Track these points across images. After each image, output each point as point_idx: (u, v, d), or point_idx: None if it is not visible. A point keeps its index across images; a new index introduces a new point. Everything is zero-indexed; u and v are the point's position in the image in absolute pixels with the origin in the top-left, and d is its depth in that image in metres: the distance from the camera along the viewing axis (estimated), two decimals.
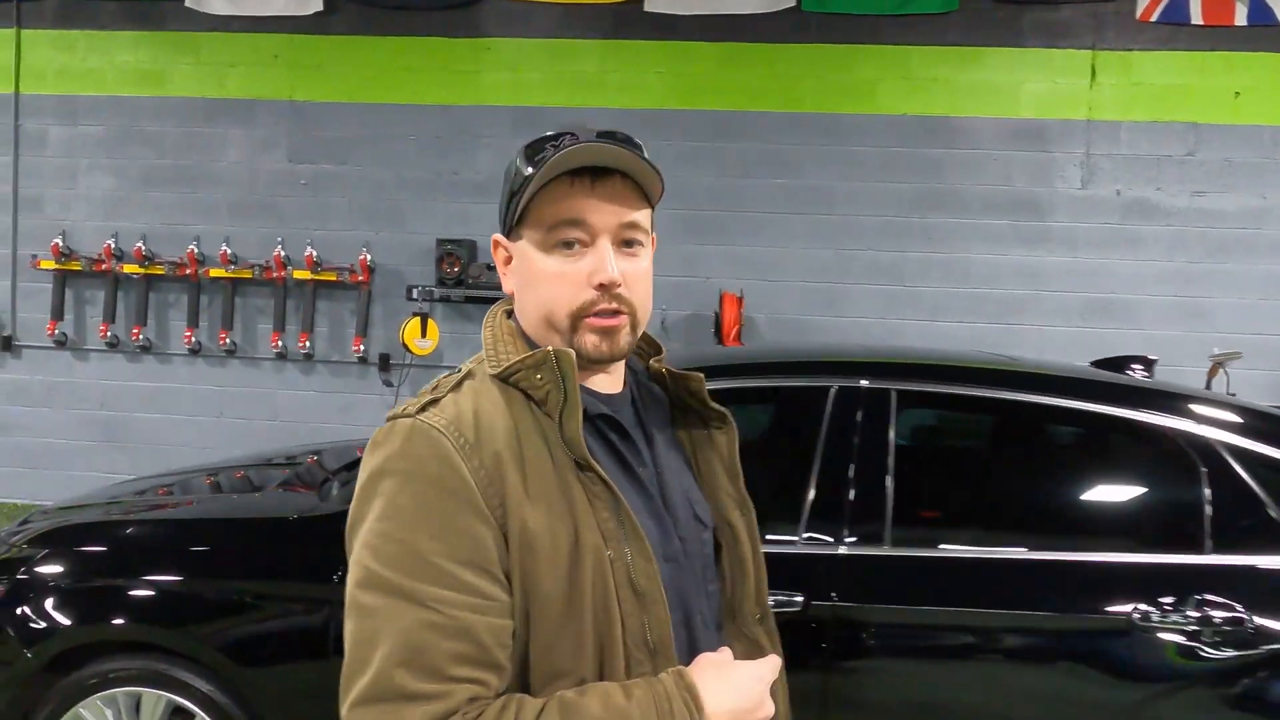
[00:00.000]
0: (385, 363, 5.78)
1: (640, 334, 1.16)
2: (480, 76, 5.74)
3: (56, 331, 5.88)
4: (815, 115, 5.56)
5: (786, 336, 5.52)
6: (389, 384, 5.75)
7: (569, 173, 1.08)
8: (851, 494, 2.34)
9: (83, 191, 5.94)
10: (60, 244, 5.82)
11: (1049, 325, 5.45)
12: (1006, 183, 5.47)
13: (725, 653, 1.09)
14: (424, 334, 5.55)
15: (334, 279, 5.69)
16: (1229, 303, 5.34)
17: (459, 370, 1.18)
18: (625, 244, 1.11)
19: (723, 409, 1.22)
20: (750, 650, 1.17)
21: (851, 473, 2.35)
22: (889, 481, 2.33)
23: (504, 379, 1.10)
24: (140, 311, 5.84)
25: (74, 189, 5.94)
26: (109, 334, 5.84)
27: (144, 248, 5.78)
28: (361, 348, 5.71)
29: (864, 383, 2.45)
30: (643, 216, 1.13)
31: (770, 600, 1.24)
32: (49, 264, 5.84)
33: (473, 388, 1.12)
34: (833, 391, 2.43)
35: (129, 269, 5.79)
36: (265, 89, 5.85)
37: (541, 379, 1.07)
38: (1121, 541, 2.37)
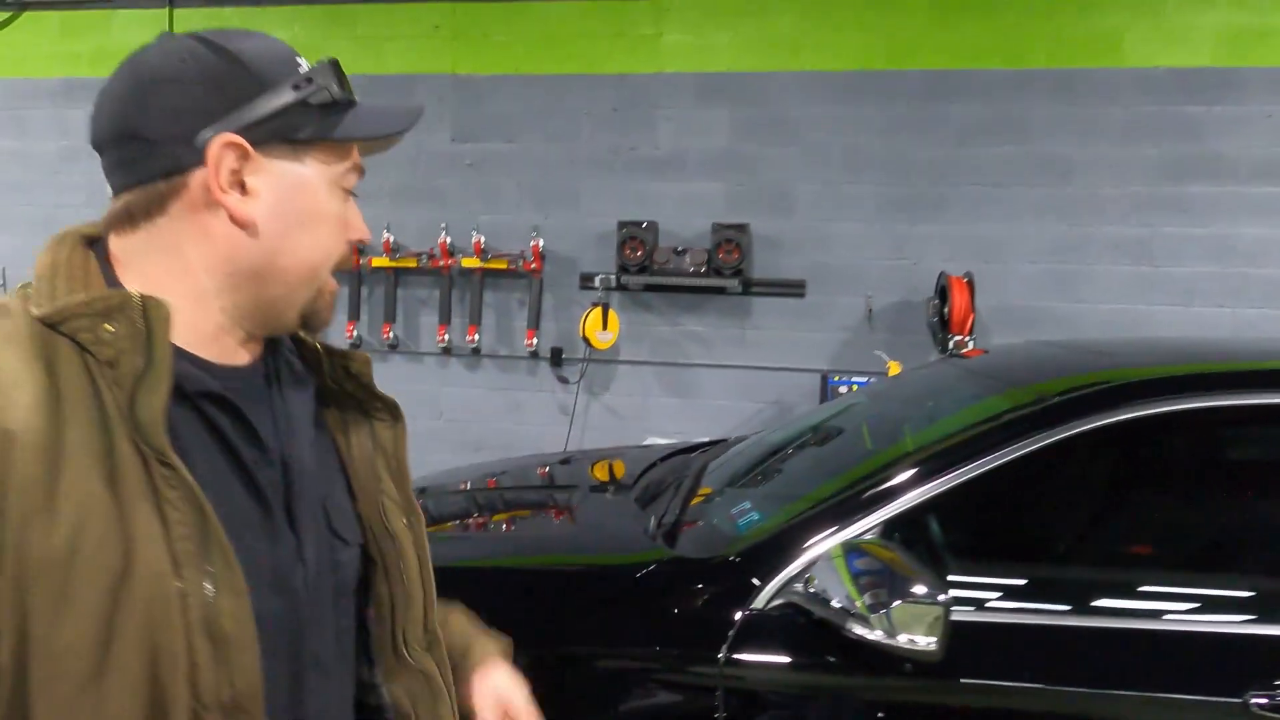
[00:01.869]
0: (558, 357, 5.23)
1: None
2: (660, 40, 5.10)
3: None
4: (1047, 72, 4.75)
5: (1015, 327, 4.76)
6: (565, 380, 5.20)
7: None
8: None
9: None
10: None
11: None
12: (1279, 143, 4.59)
13: None
14: (605, 325, 4.98)
15: (504, 267, 5.15)
16: None
17: None
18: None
19: (391, 398, 1.03)
20: (420, 686, 0.99)
21: None
22: None
23: (52, 324, 0.76)
24: None
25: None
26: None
27: None
28: (534, 341, 5.17)
29: None
30: None
31: None
32: None
33: None
34: None
35: None
36: (426, 63, 5.32)
37: (113, 332, 0.76)
38: None
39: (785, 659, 1.82)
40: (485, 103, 5.26)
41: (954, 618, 1.62)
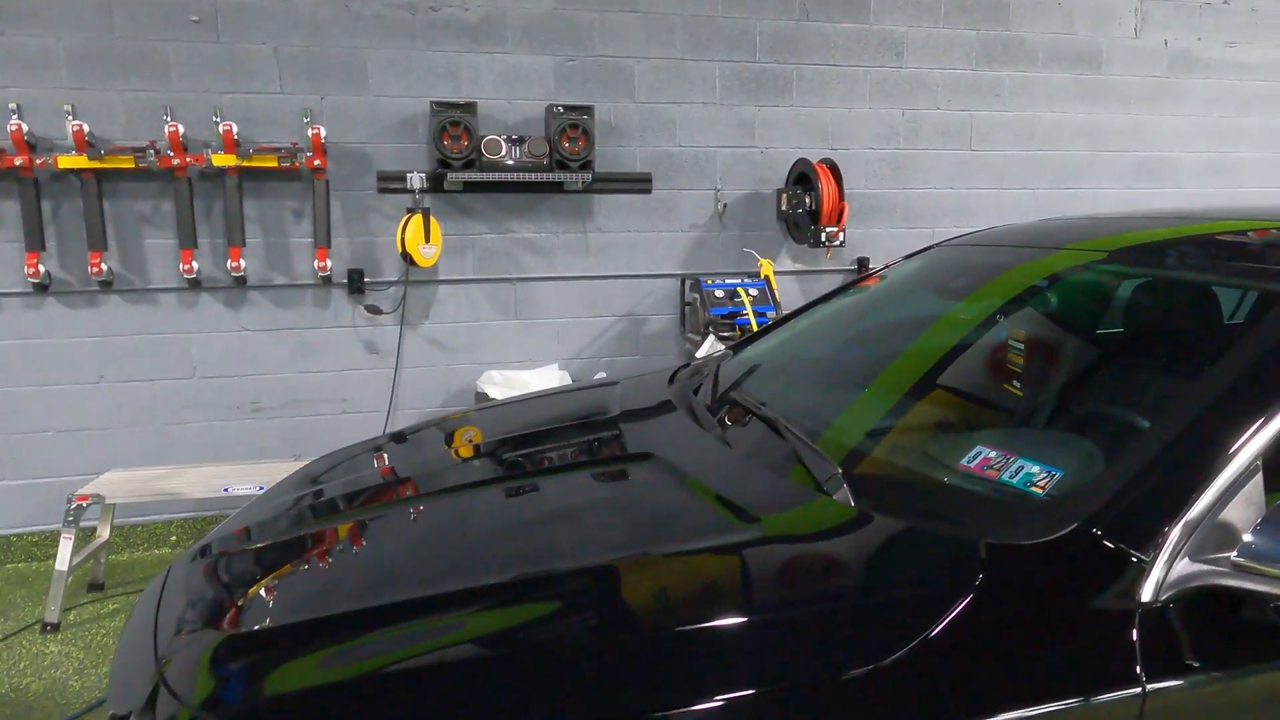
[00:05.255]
0: (358, 282, 3.95)
1: None
2: None
3: None
4: None
5: (858, 217, 4.48)
6: (375, 310, 3.95)
7: None
8: None
9: None
10: None
11: (1103, 188, 4.89)
12: (1069, 29, 4.71)
13: None
14: (428, 238, 3.80)
15: (273, 165, 3.69)
16: (1254, 158, 5.10)
17: None
18: None
19: None
20: None
21: None
22: None
23: None
24: None
25: None
26: None
27: None
28: (327, 263, 3.83)
29: None
30: None
31: None
32: None
33: None
34: None
35: None
36: None
37: None
38: None
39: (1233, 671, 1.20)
40: None
41: None
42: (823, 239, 4.07)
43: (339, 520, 1.71)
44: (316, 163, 3.70)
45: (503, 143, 3.83)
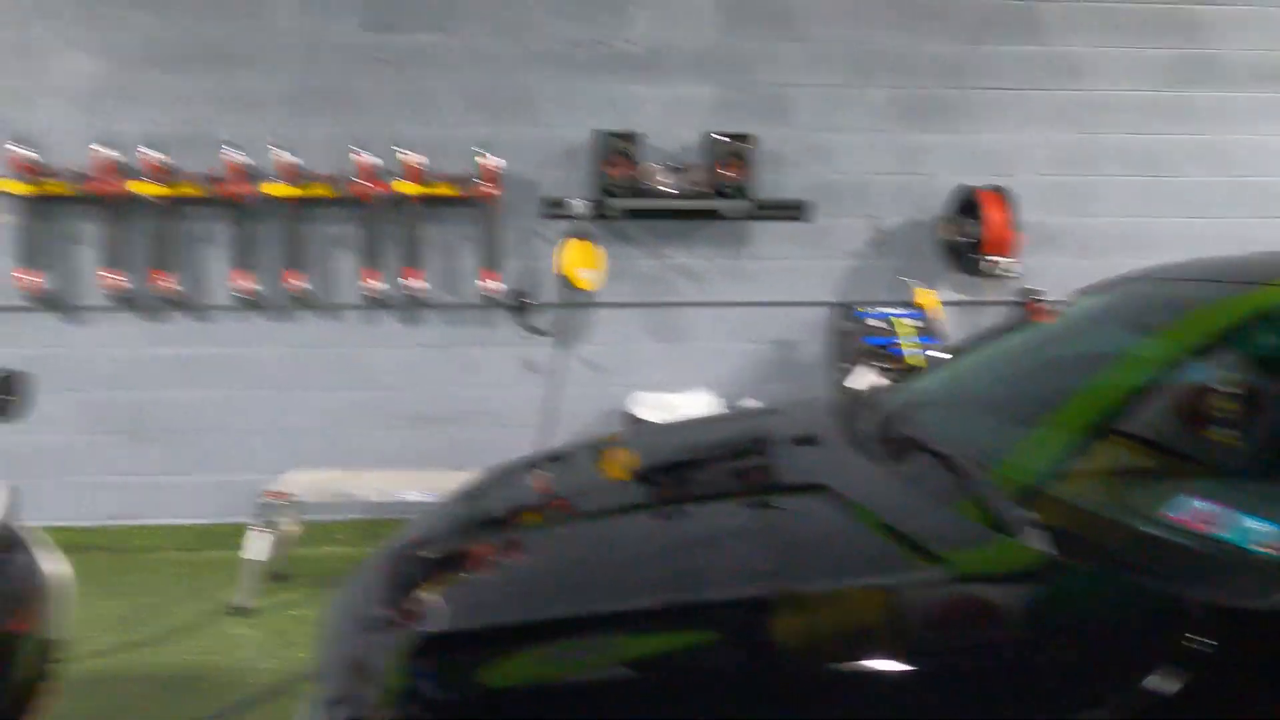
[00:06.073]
0: (521, 303, 4.12)
1: None
2: None
3: (36, 283, 3.87)
4: None
5: (1028, 246, 4.24)
6: (535, 330, 4.11)
7: None
8: None
9: (53, 78, 3.84)
10: (26, 155, 3.77)
11: None
12: (1275, 45, 4.30)
13: None
14: (587, 262, 3.92)
15: (453, 193, 3.93)
16: None
17: None
18: None
19: None
20: None
21: None
22: None
23: None
24: (163, 251, 3.90)
25: (35, 74, 3.84)
26: (119, 284, 3.89)
27: (158, 157, 3.81)
28: (494, 285, 4.02)
29: None
30: None
31: None
32: (12, 186, 3.77)
33: None
34: None
35: (141, 189, 3.82)
36: None
37: None
38: None
39: None
40: None
41: None
42: (988, 269, 3.88)
43: (517, 532, 1.78)
44: (489, 190, 3.90)
45: (662, 170, 3.90)
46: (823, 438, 2.02)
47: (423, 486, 3.60)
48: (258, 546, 3.47)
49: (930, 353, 3.53)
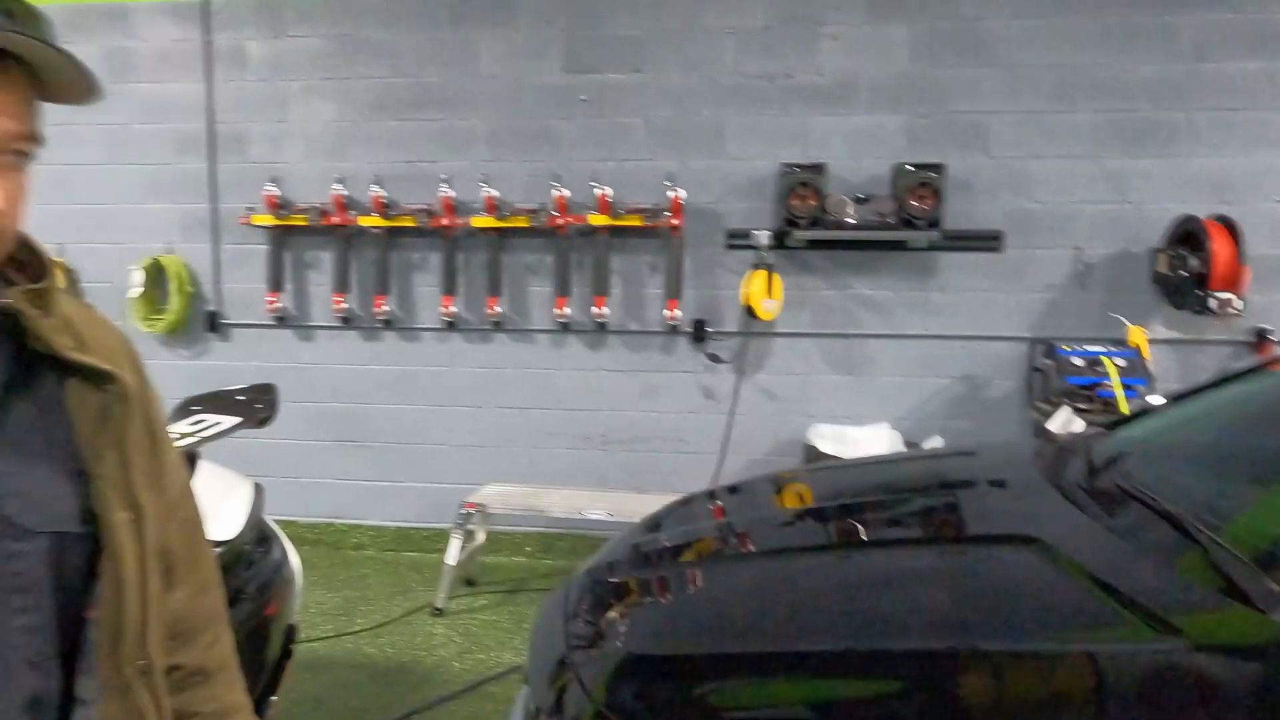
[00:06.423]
0: (701, 331, 4.20)
1: None
2: None
3: (277, 305, 4.39)
4: None
5: (1265, 282, 3.83)
6: (715, 358, 4.18)
7: None
8: None
9: (297, 124, 4.36)
10: (275, 193, 4.29)
11: None
12: None
13: None
14: (770, 292, 3.95)
15: (638, 224, 4.09)
16: None
17: None
18: (9, 154, 0.75)
19: (106, 368, 0.83)
20: (126, 712, 0.83)
21: None
22: None
23: None
24: (382, 276, 4.31)
25: (285, 121, 4.37)
26: (344, 306, 4.34)
27: (382, 193, 4.22)
28: (676, 312, 4.13)
29: None
30: (38, 123, 0.77)
31: None
32: (264, 219, 4.31)
33: None
34: None
35: (367, 222, 4.24)
36: None
37: None
38: None
39: None
40: (604, 23, 4.15)
41: None
42: (1212, 305, 3.55)
43: (705, 564, 1.82)
44: (674, 221, 4.02)
45: (849, 201, 3.87)
46: (1026, 484, 1.93)
47: (604, 506, 3.74)
48: (454, 552, 3.72)
49: (1146, 396, 3.27)
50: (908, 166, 3.85)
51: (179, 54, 4.35)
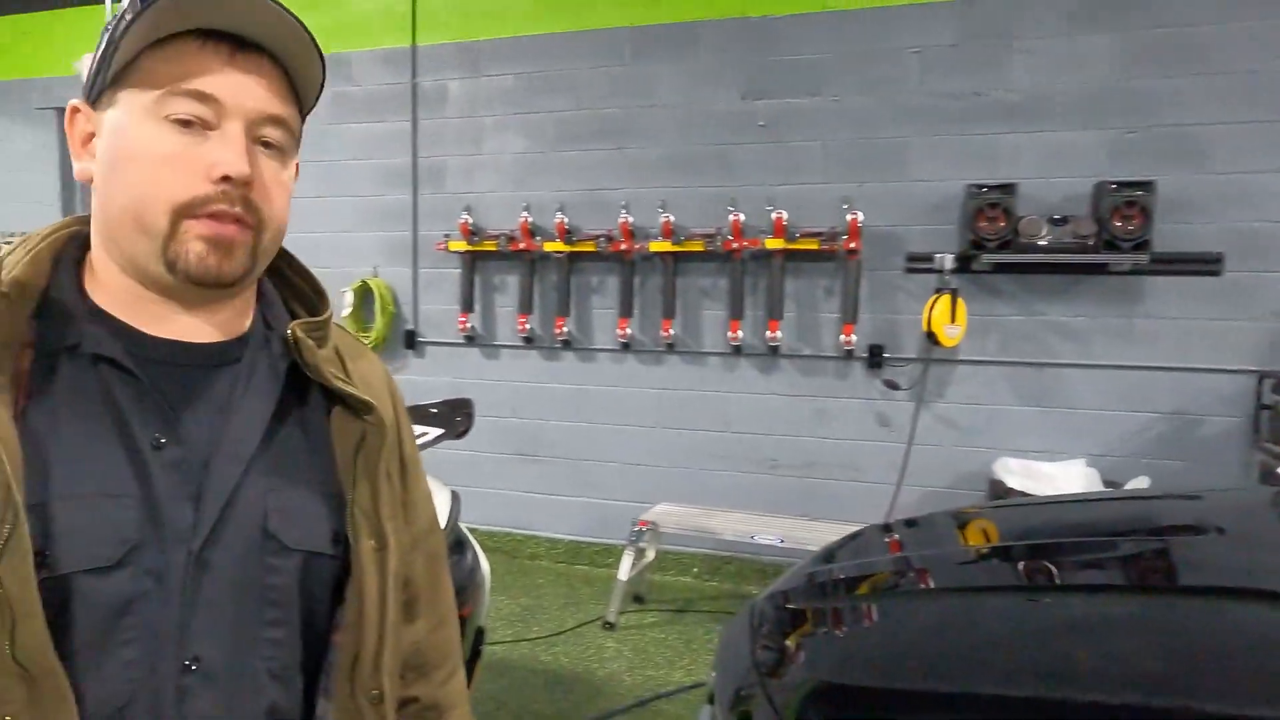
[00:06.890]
0: (877, 356, 4.10)
1: (263, 260, 0.81)
2: None
3: (467, 325, 4.68)
4: None
5: None
6: (892, 385, 4.06)
7: (199, 32, 0.73)
8: None
9: (489, 156, 4.66)
10: (468, 220, 4.60)
11: None
12: None
13: None
14: (953, 318, 3.80)
15: (814, 248, 4.06)
16: None
17: None
18: (264, 144, 0.77)
19: (368, 399, 0.85)
20: None
21: None
22: None
23: None
24: (563, 299, 4.50)
25: (479, 153, 4.68)
26: (527, 327, 4.57)
27: (565, 220, 4.43)
28: (852, 337, 4.05)
29: None
30: (293, 116, 0.79)
31: None
32: (458, 245, 4.63)
33: None
34: None
35: (551, 247, 4.46)
36: (709, 6, 4.28)
37: (15, 259, 0.76)
38: None
39: None
40: (783, 48, 4.16)
41: None
42: None
43: (888, 598, 1.77)
44: (851, 245, 3.95)
45: (1043, 222, 3.66)
46: (1265, 535, 1.74)
47: (776, 531, 3.70)
48: (627, 568, 3.80)
49: None
50: (1111, 185, 3.60)
51: (388, 95, 4.77)
